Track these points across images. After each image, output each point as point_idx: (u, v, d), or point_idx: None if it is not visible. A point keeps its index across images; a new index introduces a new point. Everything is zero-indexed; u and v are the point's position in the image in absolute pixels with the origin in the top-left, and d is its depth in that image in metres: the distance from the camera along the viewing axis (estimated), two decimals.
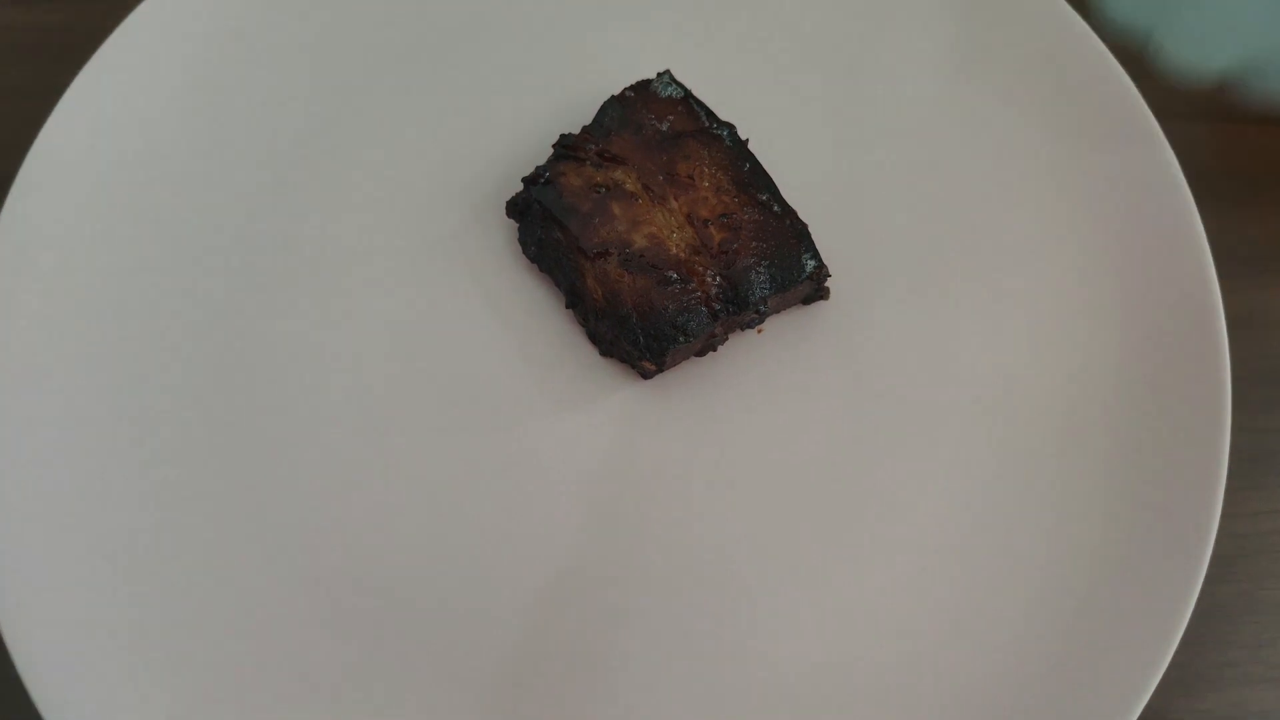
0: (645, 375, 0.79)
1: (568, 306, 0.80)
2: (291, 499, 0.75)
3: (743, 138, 0.81)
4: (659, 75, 0.82)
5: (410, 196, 0.84)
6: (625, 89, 0.82)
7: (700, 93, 0.83)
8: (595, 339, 0.80)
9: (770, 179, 0.80)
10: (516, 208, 0.81)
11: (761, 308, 0.77)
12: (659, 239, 0.77)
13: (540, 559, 0.75)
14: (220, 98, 0.86)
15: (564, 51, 0.88)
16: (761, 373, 0.80)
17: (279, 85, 0.86)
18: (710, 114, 0.82)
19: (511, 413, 0.78)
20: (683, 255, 0.77)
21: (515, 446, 0.77)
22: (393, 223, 0.83)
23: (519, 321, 0.81)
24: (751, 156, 0.80)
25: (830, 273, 0.79)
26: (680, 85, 0.82)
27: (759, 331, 0.81)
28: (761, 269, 0.77)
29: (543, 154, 0.83)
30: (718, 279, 0.76)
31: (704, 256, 0.77)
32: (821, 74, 0.88)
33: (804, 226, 0.78)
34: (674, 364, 0.79)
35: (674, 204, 0.78)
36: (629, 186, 0.79)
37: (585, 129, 0.81)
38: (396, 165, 0.85)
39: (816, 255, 0.78)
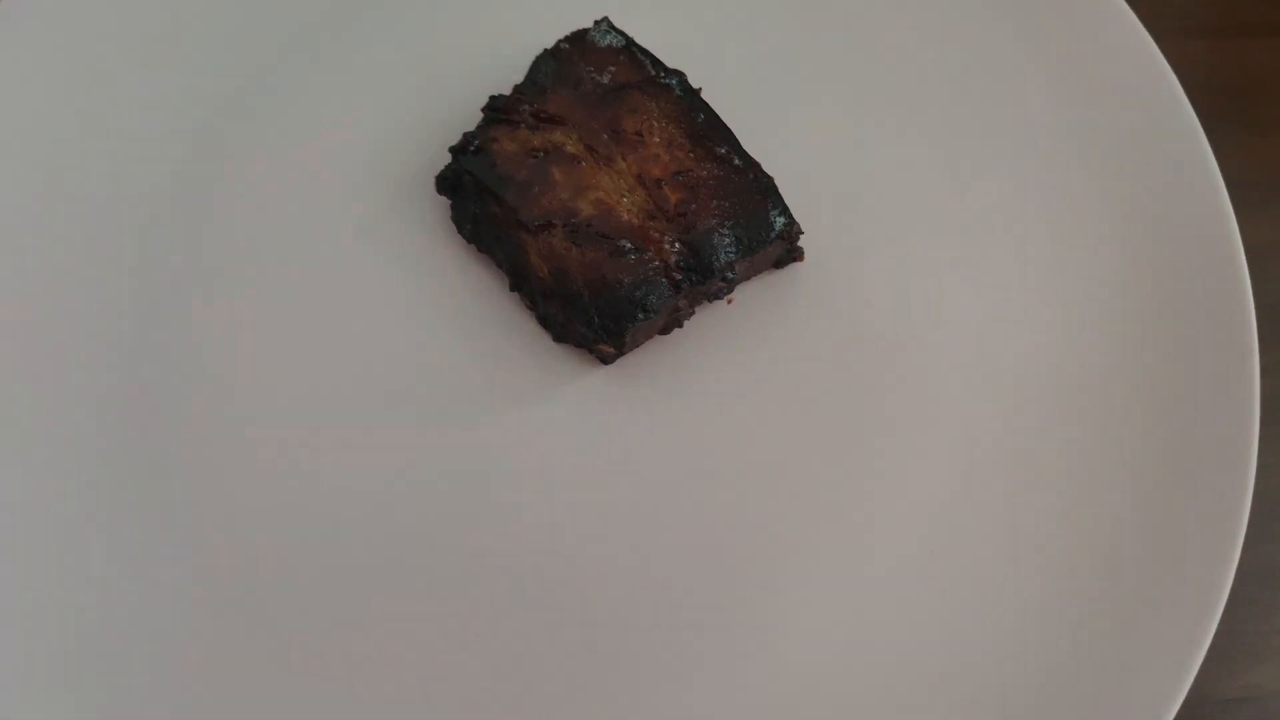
0: (605, 360, 0.70)
1: (512, 289, 0.71)
2: (218, 509, 0.67)
3: (694, 86, 0.72)
4: (596, 23, 0.74)
5: (328, 178, 0.75)
6: (559, 41, 0.73)
7: (644, 40, 0.74)
8: (546, 323, 0.71)
9: (728, 130, 0.71)
10: (447, 182, 0.72)
11: (729, 274, 0.68)
12: (608, 205, 0.68)
13: (498, 569, 0.66)
14: (113, 80, 0.76)
15: (487, 4, 0.79)
16: (735, 348, 0.72)
17: (175, 65, 0.77)
18: (656, 62, 0.73)
19: (458, 412, 0.70)
20: (636, 221, 0.68)
21: (465, 449, 0.69)
22: (310, 209, 0.74)
23: (459, 310, 0.72)
24: (705, 106, 0.71)
25: (803, 230, 0.70)
26: (620, 33, 0.73)
27: (729, 302, 0.72)
28: (725, 230, 0.68)
29: (472, 120, 0.74)
30: (677, 245, 0.67)
31: (660, 221, 0.68)
32: (782, 8, 0.79)
33: (769, 180, 0.70)
34: (635, 345, 0.70)
35: (622, 164, 0.69)
36: (570, 148, 0.70)
37: (517, 88, 0.72)
38: (310, 145, 0.76)
39: (786, 211, 0.69)
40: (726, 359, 0.71)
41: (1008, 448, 0.69)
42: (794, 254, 0.72)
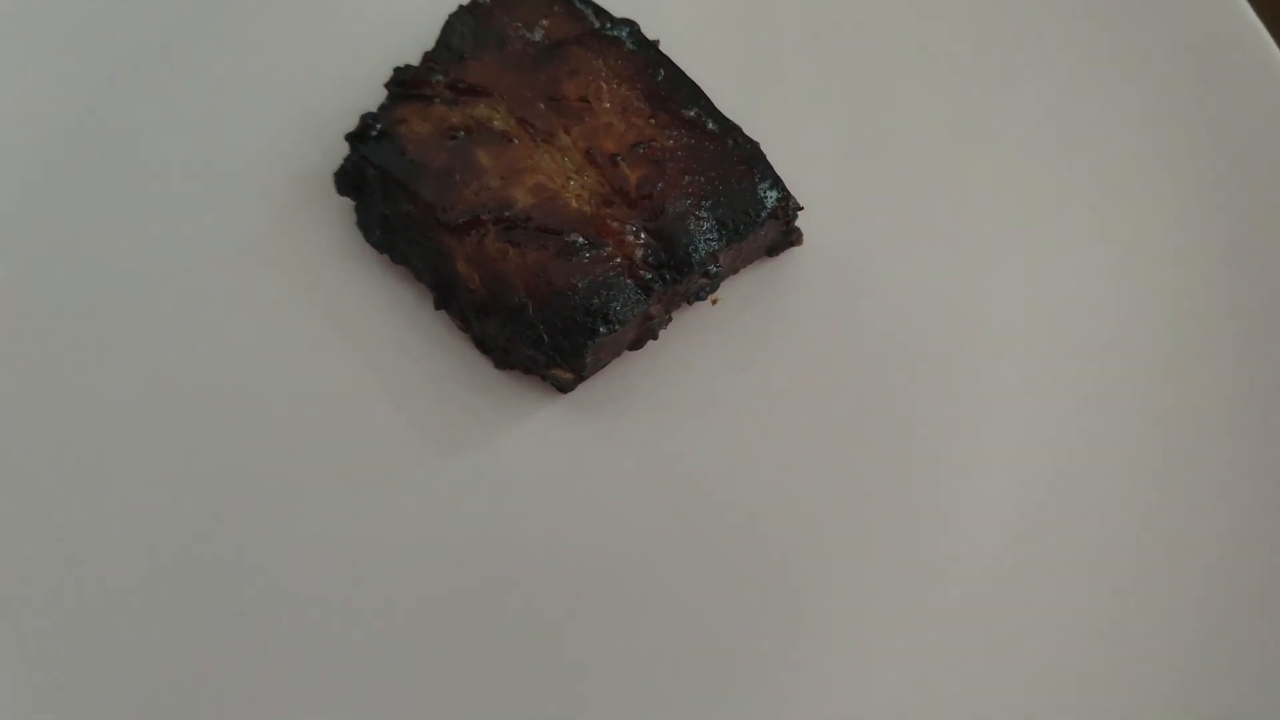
0: (562, 388, 0.56)
1: (438, 307, 0.56)
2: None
3: (650, 38, 0.58)
4: None
5: (203, 184, 0.61)
6: None
7: None
8: (484, 346, 0.56)
9: (697, 87, 0.57)
10: (348, 179, 0.58)
11: (711, 268, 0.54)
12: (550, 191, 0.53)
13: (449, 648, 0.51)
14: None
15: None
16: (724, 360, 0.57)
17: (33, 68, 0.62)
18: (600, 11, 0.58)
19: (381, 467, 0.55)
20: (588, 209, 0.53)
21: (394, 512, 0.55)
22: (184, 221, 0.60)
23: (373, 336, 0.58)
24: (666, 61, 0.57)
25: (801, 205, 0.56)
26: None
27: (713, 302, 0.58)
28: (703, 212, 0.53)
29: (375, 100, 0.59)
30: (643, 235, 0.53)
31: (619, 207, 0.53)
32: None
33: (754, 146, 0.55)
34: (600, 366, 0.55)
35: (566, 139, 0.55)
36: (498, 124, 0.55)
37: (427, 55, 0.57)
38: (186, 146, 0.62)
39: (779, 183, 0.55)
40: (714, 375, 0.57)
41: (1068, 464, 0.55)
42: (791, 237, 0.58)
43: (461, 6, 0.58)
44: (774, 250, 0.58)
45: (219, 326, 0.58)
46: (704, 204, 0.54)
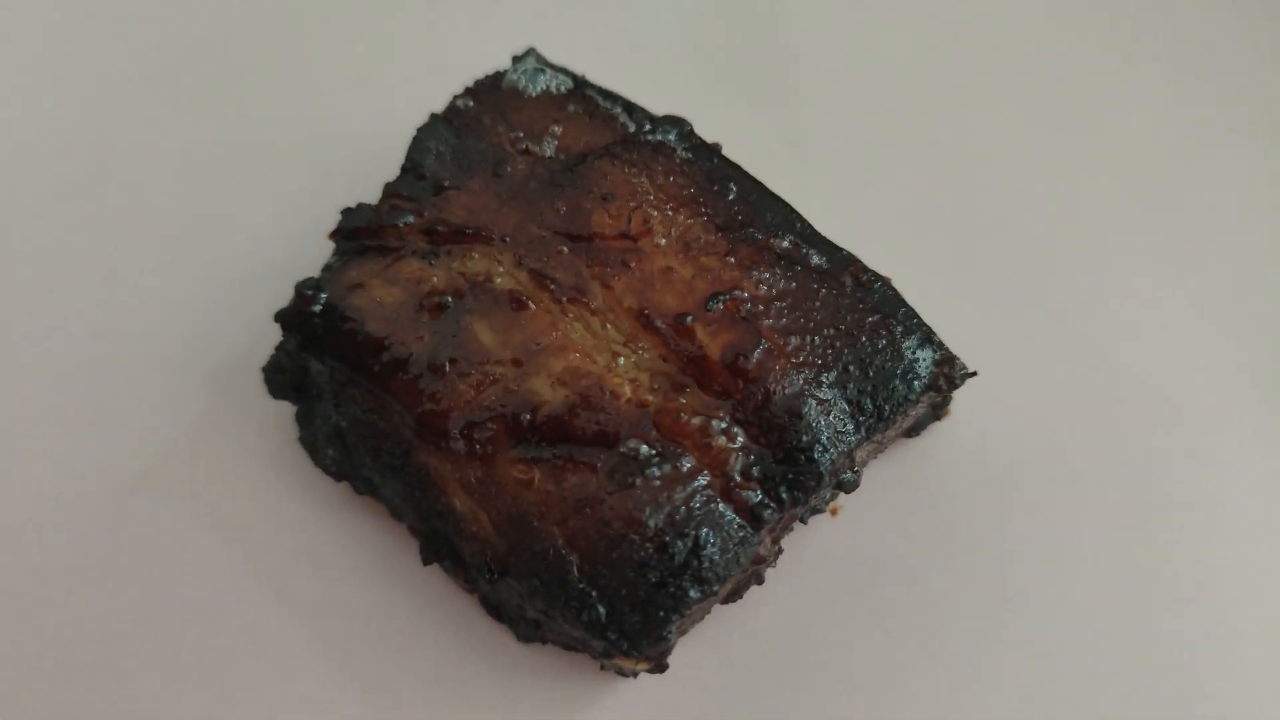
0: (624, 672, 0.36)
1: (426, 562, 0.37)
2: None
3: (707, 140, 0.40)
4: (518, 59, 0.42)
5: (101, 385, 0.42)
6: (455, 97, 0.41)
7: (599, 77, 0.42)
8: (499, 612, 0.37)
9: (787, 205, 0.39)
10: (283, 375, 0.39)
11: (847, 474, 0.35)
12: (590, 377, 0.35)
13: None
14: None
15: (327, 55, 0.46)
16: (854, 605, 0.38)
17: None
18: (634, 108, 0.41)
19: None
20: (649, 399, 0.35)
21: None
22: (83, 439, 0.42)
23: (343, 608, 0.39)
24: (737, 170, 0.39)
25: (972, 370, 0.37)
26: (561, 69, 0.42)
27: (833, 513, 0.39)
28: (826, 391, 0.35)
29: (318, 256, 0.41)
30: (739, 434, 0.34)
31: (696, 393, 0.35)
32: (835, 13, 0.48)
33: (885, 284, 0.37)
34: (681, 634, 0.36)
35: (604, 297, 0.36)
36: (501, 281, 0.37)
37: (390, 187, 0.39)
38: (67, 324, 0.44)
39: (931, 336, 0.36)
40: (841, 626, 0.38)
41: None
42: (939, 411, 0.39)
43: (435, 115, 0.41)
44: (914, 430, 0.40)
45: (112, 579, 0.39)
46: (825, 379, 0.35)
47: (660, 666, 0.35)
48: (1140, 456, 0.41)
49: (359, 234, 0.39)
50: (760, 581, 0.38)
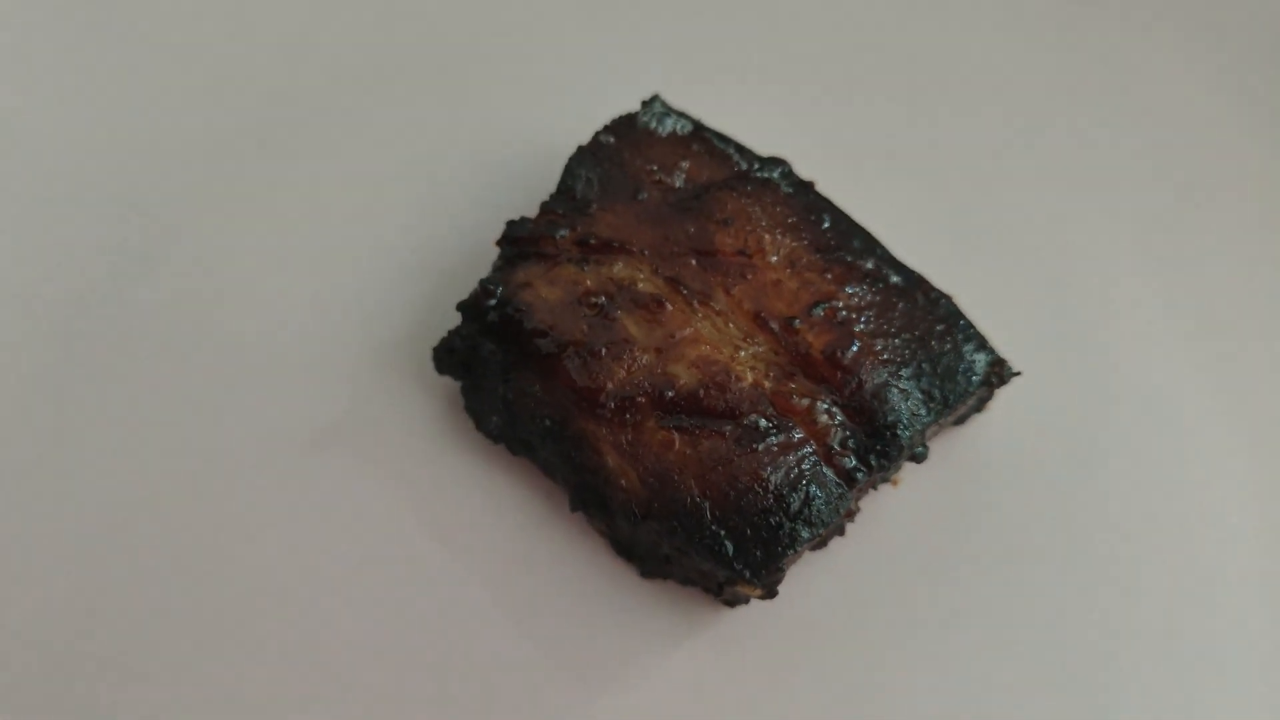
0: (734, 602, 0.45)
1: (574, 509, 0.46)
2: None
3: (805, 179, 0.50)
4: (646, 103, 0.51)
5: (281, 360, 0.51)
6: (597, 133, 0.50)
7: (712, 120, 0.52)
8: (630, 552, 0.46)
9: (870, 234, 0.48)
10: (453, 355, 0.48)
11: (920, 448, 0.45)
12: (718, 364, 0.44)
13: None
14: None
15: (487, 94, 0.55)
16: (920, 558, 0.48)
17: (88, 225, 0.53)
18: (744, 149, 0.50)
19: (513, 702, 0.44)
20: (766, 383, 0.44)
21: None
22: (263, 406, 0.50)
23: (491, 544, 0.48)
24: (829, 204, 0.49)
25: (1017, 370, 0.47)
26: (683, 114, 0.51)
27: (894, 484, 0.48)
28: (905, 382, 0.45)
29: (483, 261, 0.50)
30: (838, 413, 0.43)
31: (803, 379, 0.44)
32: (899, 67, 0.58)
33: (949, 300, 0.47)
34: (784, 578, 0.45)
35: (726, 301, 0.46)
36: (644, 286, 0.46)
37: (546, 205, 0.48)
38: (255, 313, 0.52)
39: (985, 342, 0.46)
40: (910, 575, 0.47)
41: None
42: (981, 405, 0.49)
43: (582, 148, 0.50)
44: (962, 419, 0.49)
45: (293, 530, 0.47)
46: (904, 372, 0.45)
47: (771, 593, 0.43)
48: (1143, 463, 0.50)
49: (521, 242, 0.48)
50: (842, 533, 0.47)
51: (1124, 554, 0.48)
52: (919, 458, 0.45)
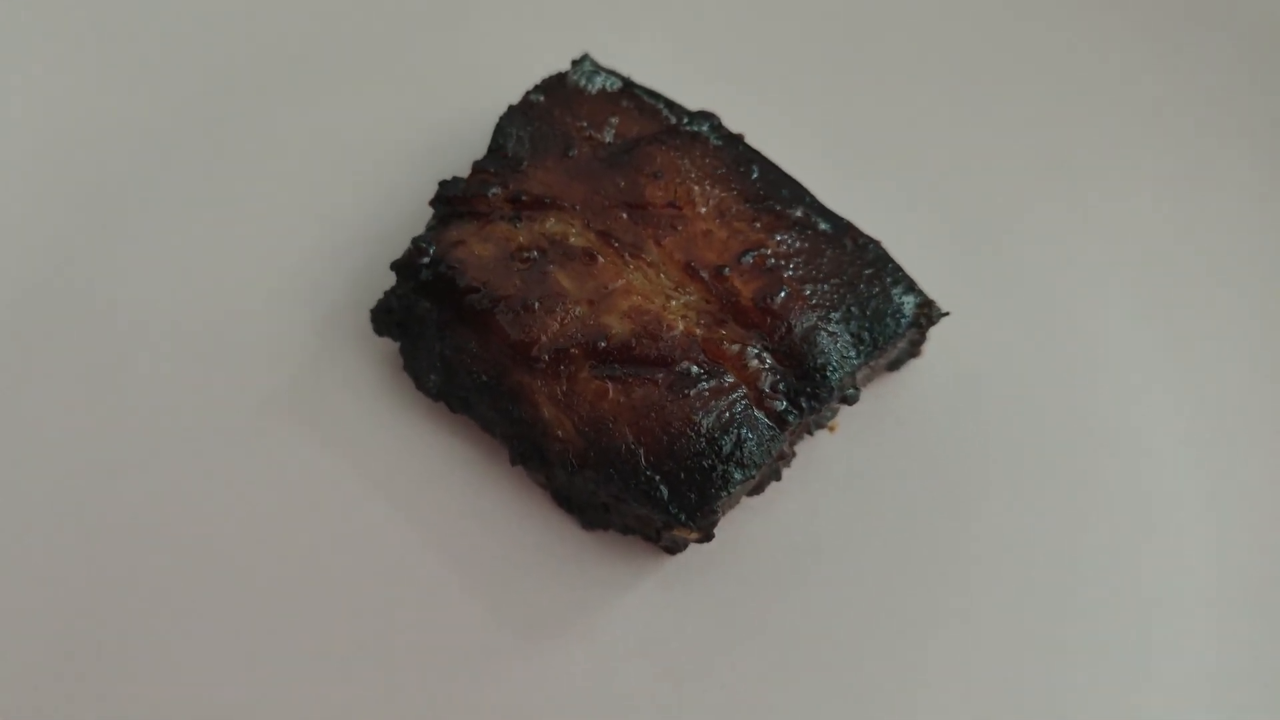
0: (674, 548, 0.46)
1: (515, 462, 0.46)
2: None
3: (733, 131, 0.50)
4: (576, 62, 0.51)
5: (221, 327, 0.51)
6: (528, 93, 0.50)
7: (643, 79, 0.52)
8: (570, 503, 0.46)
9: (798, 183, 0.49)
10: (389, 316, 0.48)
11: (850, 390, 0.45)
12: (650, 314, 0.45)
13: None
14: None
15: (417, 57, 0.56)
16: (855, 501, 0.48)
17: (35, 192, 0.53)
18: (674, 105, 0.51)
19: (457, 655, 0.45)
20: (697, 331, 0.44)
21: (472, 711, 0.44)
22: (206, 372, 0.50)
23: (433, 500, 0.48)
24: (758, 155, 0.49)
25: (945, 310, 0.48)
26: (613, 72, 0.51)
27: (831, 429, 0.49)
28: (835, 326, 0.45)
29: (416, 221, 0.50)
30: (768, 357, 0.44)
31: (733, 325, 0.45)
32: (826, 19, 0.58)
33: (877, 245, 0.47)
34: (719, 521, 0.46)
35: (657, 252, 0.46)
36: (575, 240, 0.46)
37: (478, 165, 0.49)
38: (194, 280, 0.52)
39: (914, 285, 0.47)
40: (847, 516, 0.48)
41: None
42: (915, 349, 0.50)
43: (513, 107, 0.50)
44: (894, 364, 0.50)
45: (242, 495, 0.47)
46: (833, 316, 0.45)
47: (708, 536, 0.44)
48: (1078, 398, 0.51)
49: (454, 201, 0.48)
50: (778, 478, 0.47)
51: (1061, 492, 0.49)
52: (850, 400, 0.46)
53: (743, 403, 0.43)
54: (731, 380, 0.44)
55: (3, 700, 0.44)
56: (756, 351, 0.44)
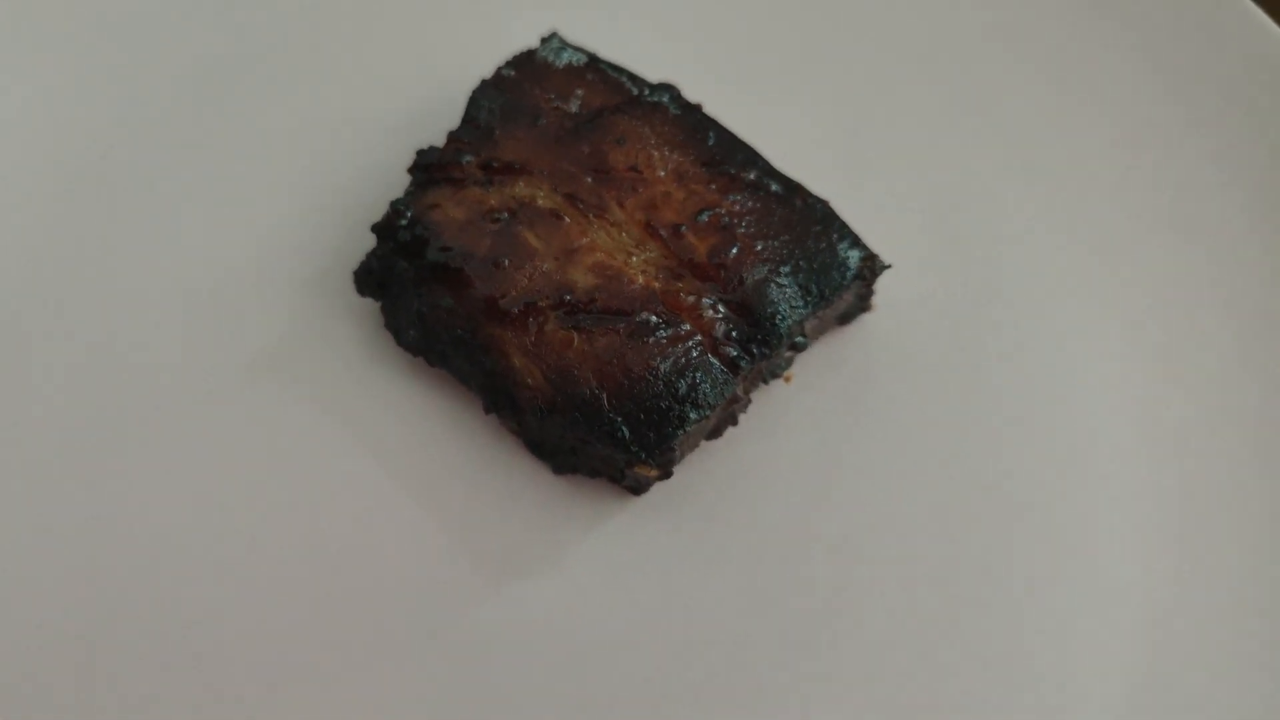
0: (637, 489, 0.49)
1: (488, 411, 0.50)
2: None
3: (691, 101, 0.54)
4: (544, 39, 0.55)
5: (208, 290, 0.54)
6: (499, 67, 0.54)
7: (608, 54, 0.56)
8: (541, 451, 0.50)
9: (752, 148, 0.52)
10: (370, 277, 0.51)
11: (799, 338, 0.49)
12: (612, 269, 0.48)
13: None
14: None
15: (394, 34, 0.59)
16: (810, 445, 0.52)
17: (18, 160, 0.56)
18: (636, 77, 0.54)
19: (439, 596, 0.48)
20: (656, 284, 0.48)
21: (452, 652, 0.47)
22: (193, 333, 0.53)
23: (413, 449, 0.51)
24: (715, 123, 0.53)
25: (888, 263, 0.51)
26: (579, 48, 0.54)
27: (787, 380, 0.52)
28: (783, 278, 0.49)
29: (395, 188, 0.54)
30: (721, 308, 0.48)
31: (690, 279, 0.48)
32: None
33: (825, 204, 0.51)
34: (679, 461, 0.49)
35: (619, 213, 0.49)
36: (543, 202, 0.50)
37: (453, 135, 0.52)
38: (182, 245, 0.55)
39: (859, 240, 0.50)
40: (801, 460, 0.51)
41: (1191, 569, 0.49)
42: (864, 303, 0.53)
43: (485, 81, 0.53)
44: (846, 318, 0.54)
45: (233, 445, 0.50)
46: (782, 270, 0.49)
47: (667, 473, 0.48)
48: (1018, 342, 0.55)
49: (430, 169, 0.52)
50: (735, 423, 0.51)
51: (1001, 435, 0.52)
52: (799, 347, 0.50)
53: (698, 349, 0.47)
54: (688, 329, 0.47)
55: None
56: (711, 302, 0.48)
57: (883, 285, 0.53)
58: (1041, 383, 0.53)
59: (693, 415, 0.46)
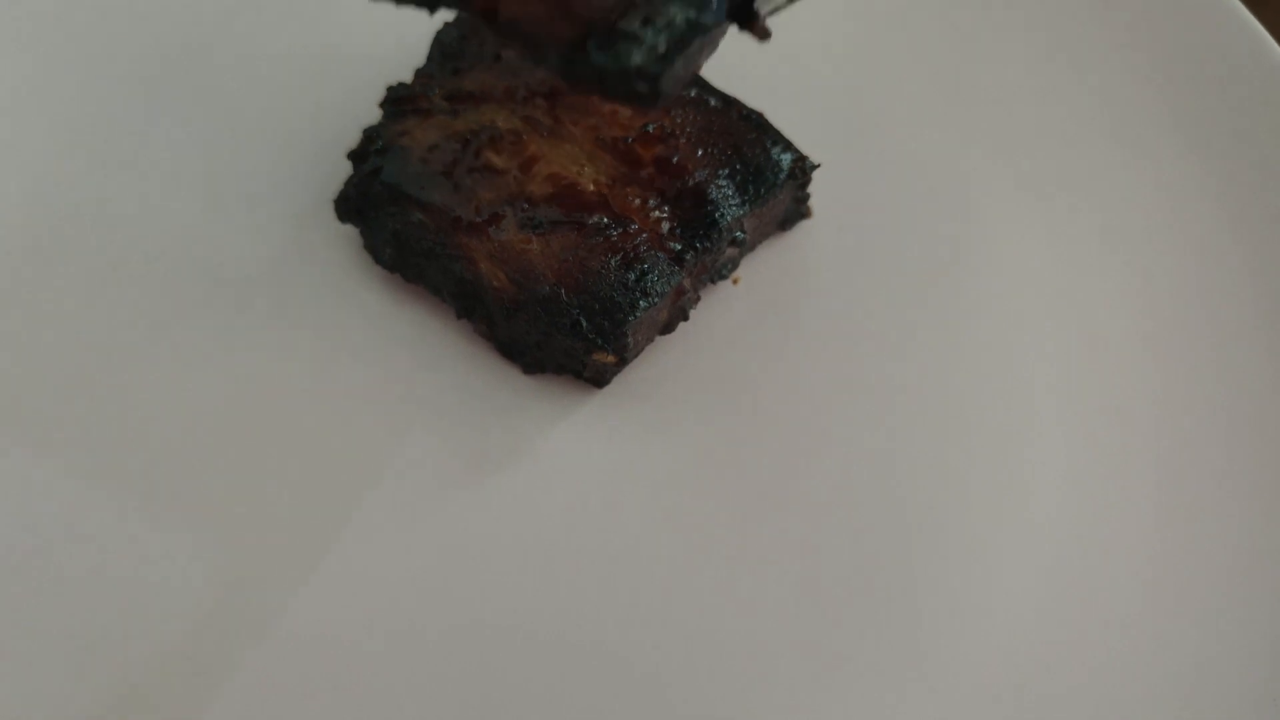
0: (599, 381, 0.54)
1: (461, 316, 0.54)
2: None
3: None
4: None
5: (202, 220, 0.59)
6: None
7: None
8: (511, 352, 0.54)
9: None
10: (349, 204, 0.56)
11: (738, 234, 0.54)
12: (567, 179, 0.53)
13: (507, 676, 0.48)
14: None
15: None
16: (756, 340, 0.56)
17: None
18: None
19: (422, 491, 0.52)
20: (606, 191, 0.53)
21: (437, 538, 0.51)
22: (186, 263, 0.57)
23: (395, 358, 0.56)
24: None
25: (817, 163, 0.56)
26: None
27: (735, 281, 0.57)
28: (722, 180, 0.53)
29: (370, 121, 0.59)
30: (665, 208, 0.52)
31: (636, 185, 0.53)
32: None
33: (759, 115, 0.56)
34: (636, 352, 0.54)
35: (573, 130, 0.54)
36: (503, 124, 0.54)
37: (420, 71, 0.57)
38: (175, 178, 0.60)
39: (790, 145, 0.55)
40: (749, 354, 0.56)
41: (1118, 476, 0.53)
42: (801, 207, 0.58)
43: (448, 23, 0.58)
44: (786, 223, 0.59)
45: (227, 359, 0.55)
46: (721, 173, 0.54)
47: (623, 360, 0.52)
48: (940, 239, 0.59)
49: (400, 101, 0.56)
50: (686, 318, 0.56)
51: (941, 339, 0.56)
52: (740, 243, 0.54)
53: (645, 245, 0.52)
54: (635, 228, 0.52)
55: None
56: (656, 204, 0.53)
57: (821, 192, 0.58)
58: (975, 282, 0.58)
59: (642, 303, 0.50)
